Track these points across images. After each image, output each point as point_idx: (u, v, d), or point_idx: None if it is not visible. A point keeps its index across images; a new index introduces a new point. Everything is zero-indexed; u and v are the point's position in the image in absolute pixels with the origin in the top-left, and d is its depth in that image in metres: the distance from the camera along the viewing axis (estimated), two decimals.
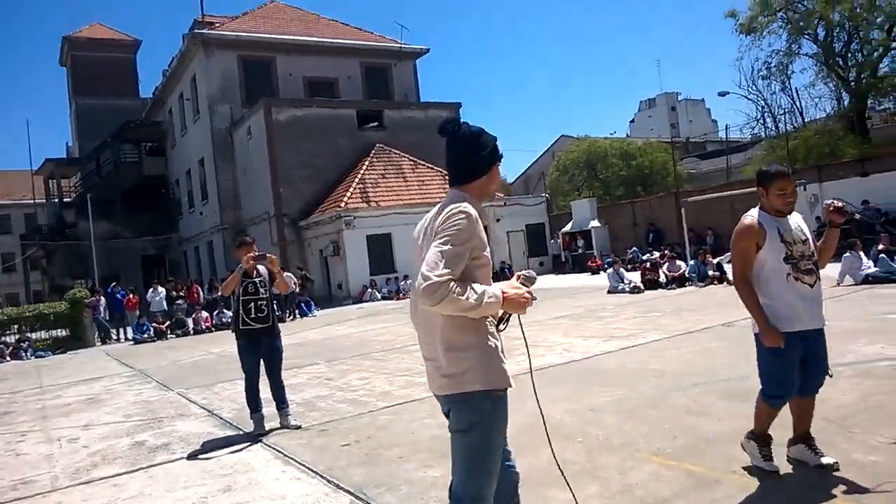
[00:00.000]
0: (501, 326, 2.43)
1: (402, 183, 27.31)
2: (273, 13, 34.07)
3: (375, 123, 29.70)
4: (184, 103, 34.01)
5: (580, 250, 27.79)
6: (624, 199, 30.89)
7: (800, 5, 24.22)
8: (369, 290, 24.24)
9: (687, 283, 16.23)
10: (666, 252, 20.37)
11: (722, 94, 28.57)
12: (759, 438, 3.66)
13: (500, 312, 2.38)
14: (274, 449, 5.36)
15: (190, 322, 19.85)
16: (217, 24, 32.06)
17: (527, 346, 2.59)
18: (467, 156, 2.49)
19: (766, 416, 3.60)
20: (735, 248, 3.56)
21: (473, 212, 2.32)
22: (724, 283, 15.39)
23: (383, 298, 23.71)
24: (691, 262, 17.15)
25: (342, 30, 34.32)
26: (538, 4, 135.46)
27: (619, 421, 5.01)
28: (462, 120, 2.56)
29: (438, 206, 2.44)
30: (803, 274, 3.39)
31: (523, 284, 2.37)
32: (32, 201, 46.50)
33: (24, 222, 50.92)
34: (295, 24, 33.33)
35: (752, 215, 3.51)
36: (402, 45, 33.86)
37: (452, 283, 2.17)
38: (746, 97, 28.47)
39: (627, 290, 16.16)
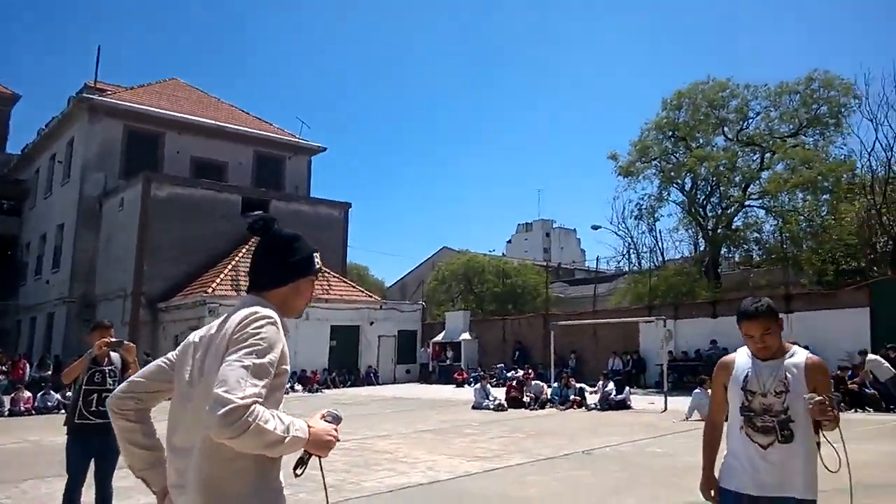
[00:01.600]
0: (299, 471, 1.89)
1: None
2: (170, 89, 33.47)
3: (260, 212, 29.02)
4: (54, 165, 32.04)
5: (448, 361, 27.91)
6: (496, 314, 31.71)
7: (673, 157, 26.93)
8: None
9: (548, 405, 16.56)
10: (530, 371, 20.86)
11: (595, 228, 30.76)
12: None
13: (300, 453, 1.89)
14: None
15: (7, 401, 17.50)
16: (109, 92, 30.95)
17: (326, 494, 2.17)
18: (275, 259, 2.14)
19: None
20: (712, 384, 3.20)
21: (276, 317, 1.95)
22: (584, 408, 15.86)
23: None
24: (554, 385, 17.60)
25: (240, 116, 34.16)
26: (440, 127, 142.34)
27: None
28: (271, 218, 2.22)
29: (225, 314, 2.02)
30: (755, 431, 2.87)
31: (329, 423, 1.96)
32: None
33: None
34: (190, 103, 32.81)
35: (738, 351, 3.07)
36: (300, 140, 34.08)
37: (259, 408, 1.71)
38: (616, 233, 30.68)
39: (492, 407, 16.23)
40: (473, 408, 16.53)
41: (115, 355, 5.55)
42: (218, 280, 24.26)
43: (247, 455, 1.81)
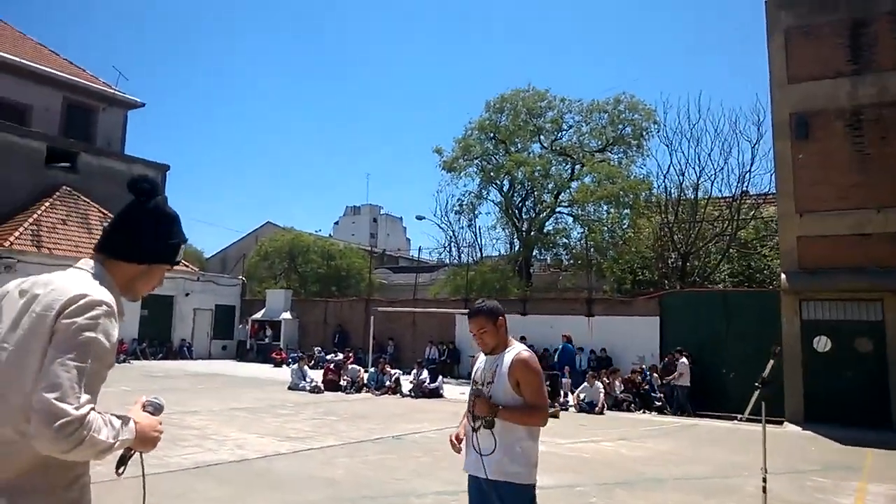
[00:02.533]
0: (121, 470, 1.77)
1: (84, 234, 24.39)
2: None
3: (67, 164, 26.47)
4: None
5: (266, 340, 27.33)
6: (319, 296, 31.46)
7: (493, 158, 28.32)
8: None
9: (364, 390, 16.87)
10: (350, 354, 21.05)
11: (419, 218, 31.52)
12: None
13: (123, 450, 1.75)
14: None
15: None
16: None
17: (144, 486, 1.91)
18: (145, 232, 1.89)
19: None
20: None
21: (113, 304, 1.73)
22: (399, 395, 16.35)
23: None
24: (371, 370, 17.94)
25: (49, 57, 30.56)
26: (268, 97, 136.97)
27: None
28: (155, 184, 1.98)
29: (47, 282, 1.73)
30: (472, 416, 3.17)
31: (151, 414, 1.85)
32: None
33: None
34: None
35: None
36: (116, 91, 31.23)
37: (94, 417, 1.57)
38: (439, 225, 31.73)
39: (308, 388, 16.23)
40: (290, 388, 16.42)
41: None
42: (17, 234, 21.79)
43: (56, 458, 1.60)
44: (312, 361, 22.37)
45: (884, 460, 9.80)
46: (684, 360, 16.47)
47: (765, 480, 3.97)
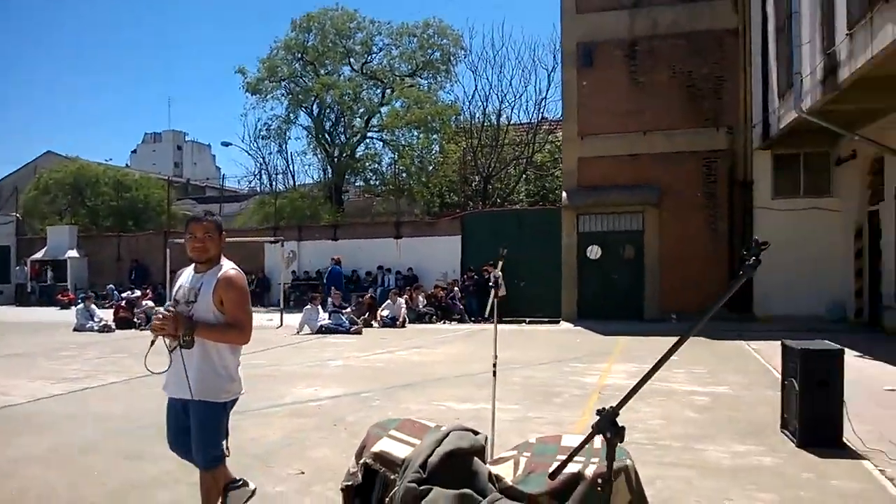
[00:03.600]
0: None
1: None
2: None
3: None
4: None
5: (49, 281, 24.91)
6: (113, 231, 28.99)
7: (301, 81, 27.33)
8: None
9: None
10: (148, 291, 19.88)
11: (225, 145, 30.26)
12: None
13: None
14: None
15: None
16: None
17: None
18: None
19: None
20: None
21: None
22: None
23: None
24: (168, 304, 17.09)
25: None
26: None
27: (43, 471, 4.71)
28: None
29: None
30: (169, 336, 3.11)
31: None
32: None
33: None
34: None
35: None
36: None
37: None
38: (247, 152, 30.33)
39: (96, 328, 15.19)
40: (75, 330, 15.28)
41: None
42: None
43: None
44: (107, 301, 20.90)
45: (632, 345, 11.43)
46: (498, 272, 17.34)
47: (495, 367, 4.49)
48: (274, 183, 30.81)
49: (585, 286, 16.02)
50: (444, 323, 16.67)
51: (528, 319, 16.36)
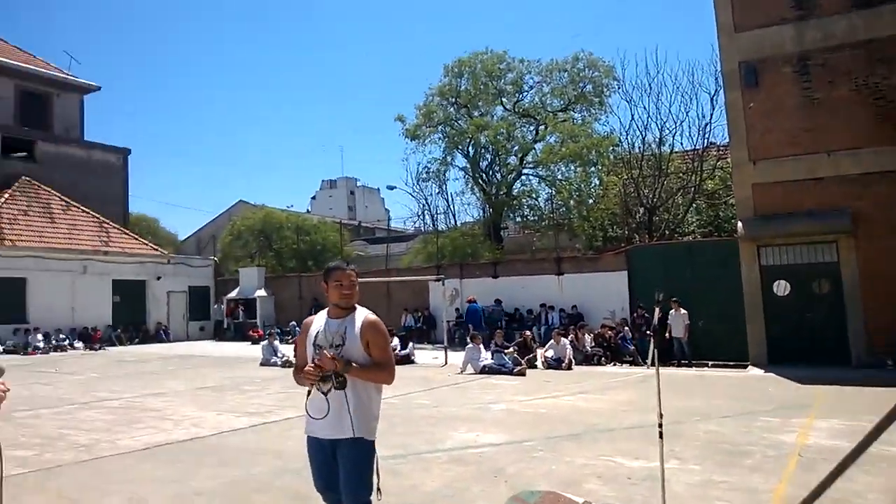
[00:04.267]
0: None
1: (48, 223, 24.13)
2: None
3: (24, 153, 26.05)
4: None
5: (241, 318, 27.37)
6: (295, 272, 31.39)
7: (456, 123, 28.16)
8: None
9: None
10: None
11: (390, 188, 31.60)
12: None
13: None
14: None
15: None
16: None
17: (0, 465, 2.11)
18: None
19: None
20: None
21: None
22: None
23: (6, 352, 20.40)
24: None
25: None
26: (228, 70, 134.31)
27: None
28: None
29: None
30: (319, 380, 3.23)
31: None
32: None
33: None
34: None
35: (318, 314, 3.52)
36: (68, 76, 30.56)
37: None
38: (411, 194, 31.60)
39: (279, 363, 16.30)
40: (261, 365, 16.50)
41: None
42: None
43: None
44: (290, 337, 22.47)
45: (836, 396, 10.06)
46: (683, 311, 15.88)
47: (660, 424, 4.08)
48: (436, 222, 31.78)
49: (774, 326, 14.46)
50: (615, 365, 15.90)
51: (710, 363, 15.25)
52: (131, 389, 12.01)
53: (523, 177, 28.08)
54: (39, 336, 21.84)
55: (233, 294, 28.21)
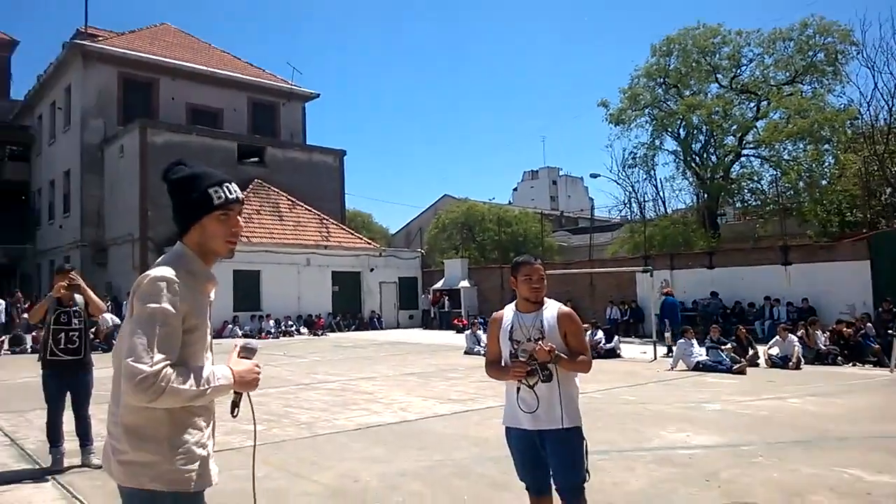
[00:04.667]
0: (235, 412, 2.03)
1: (276, 221, 26.86)
2: (161, 35, 33.13)
3: (256, 159, 29.29)
4: (55, 112, 32.10)
5: (446, 308, 28.31)
6: (497, 263, 31.86)
7: (665, 105, 26.54)
8: (230, 325, 23.46)
9: None
10: None
11: (594, 176, 30.64)
12: None
13: (232, 395, 2.03)
14: (64, 488, 5.06)
15: (29, 339, 18.37)
16: (101, 38, 30.79)
17: (254, 422, 2.25)
18: (175, 204, 2.12)
19: None
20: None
21: (171, 274, 1.96)
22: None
23: (244, 336, 23.02)
24: None
25: (232, 62, 33.81)
26: (434, 69, 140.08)
27: (422, 488, 5.04)
28: (184, 162, 2.19)
29: None
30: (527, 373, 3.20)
31: (245, 357, 2.06)
32: None
33: None
34: (183, 49, 32.56)
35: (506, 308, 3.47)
36: (293, 87, 33.80)
37: (169, 371, 1.83)
38: (616, 181, 30.49)
39: (482, 352, 16.50)
40: (465, 353, 16.85)
41: (78, 297, 5.84)
42: None
43: (163, 410, 1.90)
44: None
45: None
46: None
47: None
48: (643, 210, 30.31)
49: None
50: (854, 366, 13.91)
51: (891, 368, 12.83)
52: (347, 373, 12.84)
53: (743, 158, 25.78)
54: (271, 322, 24.41)
55: (438, 284, 29.30)
